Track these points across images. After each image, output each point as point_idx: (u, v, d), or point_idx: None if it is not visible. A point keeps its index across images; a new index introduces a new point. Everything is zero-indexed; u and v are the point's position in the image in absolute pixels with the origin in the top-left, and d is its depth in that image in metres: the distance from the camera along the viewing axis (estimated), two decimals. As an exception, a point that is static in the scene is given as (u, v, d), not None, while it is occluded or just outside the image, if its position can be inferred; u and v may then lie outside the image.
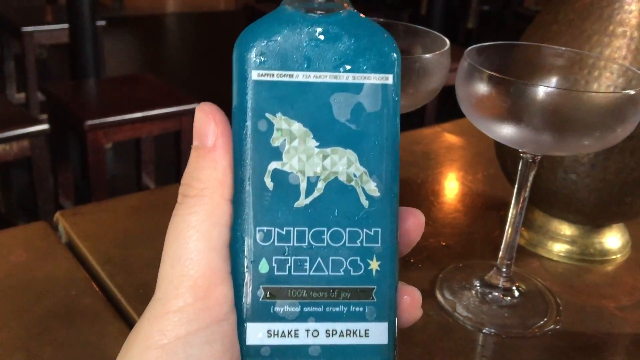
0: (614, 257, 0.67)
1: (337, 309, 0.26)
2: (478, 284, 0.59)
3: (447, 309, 0.57)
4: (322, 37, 0.26)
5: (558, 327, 0.56)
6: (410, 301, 0.28)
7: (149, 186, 2.29)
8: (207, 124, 0.26)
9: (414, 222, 0.28)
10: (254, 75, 0.26)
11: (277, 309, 0.26)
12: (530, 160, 0.53)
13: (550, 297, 0.60)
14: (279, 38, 0.26)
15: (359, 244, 0.26)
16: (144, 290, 0.57)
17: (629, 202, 0.61)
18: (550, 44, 0.58)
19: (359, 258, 0.26)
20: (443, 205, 0.76)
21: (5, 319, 0.53)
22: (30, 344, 0.50)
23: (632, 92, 0.46)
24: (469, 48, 0.52)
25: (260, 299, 0.25)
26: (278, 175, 0.26)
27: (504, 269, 0.58)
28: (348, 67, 0.26)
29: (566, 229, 0.67)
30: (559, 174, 0.61)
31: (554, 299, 0.60)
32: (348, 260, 0.26)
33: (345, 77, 0.26)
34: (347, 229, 0.26)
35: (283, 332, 0.26)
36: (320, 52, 0.26)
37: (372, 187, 0.27)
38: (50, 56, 3.60)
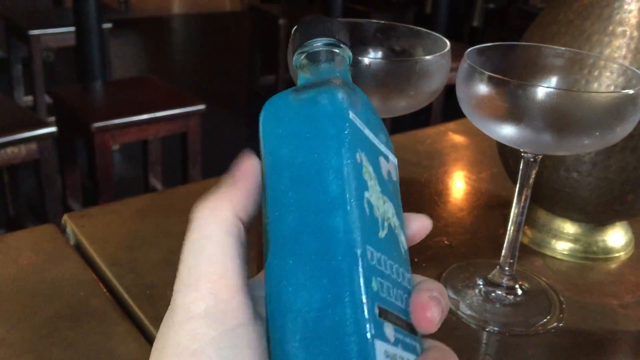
0: (617, 255, 0.67)
1: (407, 340, 0.27)
2: (481, 283, 0.60)
3: (451, 307, 0.57)
4: (367, 108, 0.29)
5: (561, 325, 0.57)
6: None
7: (156, 187, 2.30)
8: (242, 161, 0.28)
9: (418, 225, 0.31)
10: (351, 114, 0.27)
11: (385, 330, 0.25)
12: (532, 159, 0.53)
13: (553, 295, 0.60)
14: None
15: (407, 284, 0.28)
16: (151, 291, 0.57)
17: (631, 201, 0.62)
18: (550, 44, 0.58)
19: (407, 296, 0.28)
20: (447, 204, 0.77)
21: (14, 320, 0.53)
22: (38, 345, 0.51)
23: (631, 91, 0.46)
24: (469, 49, 0.52)
25: (377, 317, 0.25)
26: (368, 204, 0.27)
27: (507, 268, 0.59)
28: (383, 139, 0.30)
29: (569, 227, 0.67)
30: (560, 173, 0.62)
31: (557, 297, 0.60)
32: (404, 296, 0.28)
33: (382, 147, 0.30)
34: (401, 269, 0.28)
35: (392, 355, 0.25)
36: (370, 119, 0.29)
37: (403, 240, 0.29)
38: (57, 59, 3.62)
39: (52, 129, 1.82)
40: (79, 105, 2.04)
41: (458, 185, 0.83)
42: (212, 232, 0.26)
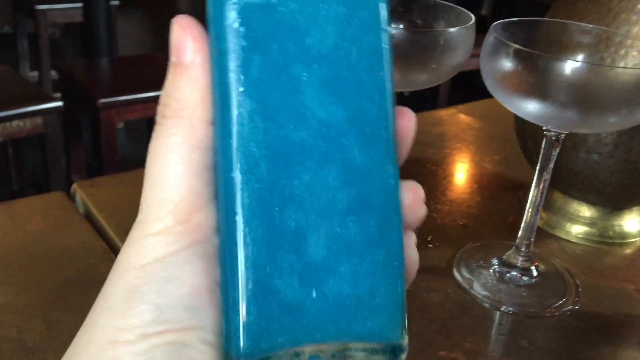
0: (633, 240, 0.66)
1: None
2: (496, 263, 0.59)
3: (465, 286, 0.57)
4: None
5: (576, 307, 0.56)
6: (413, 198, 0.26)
7: (161, 166, 2.29)
8: (185, 39, 0.24)
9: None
10: None
11: None
12: (554, 138, 0.52)
13: (569, 278, 0.59)
14: None
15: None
16: (161, 261, 0.57)
17: (651, 184, 0.61)
18: (575, 21, 0.57)
19: None
20: (460, 185, 0.76)
21: (23, 286, 0.53)
22: (48, 311, 0.50)
23: (662, 69, 0.45)
24: (495, 23, 0.51)
25: None
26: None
27: (523, 249, 0.58)
28: None
29: (585, 211, 0.66)
30: (581, 154, 0.61)
31: (572, 280, 0.59)
32: None
33: None
34: None
35: None
36: None
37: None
38: (63, 35, 3.59)
39: (58, 103, 1.80)
40: (85, 81, 2.02)
41: (471, 167, 0.82)
42: (178, 145, 0.24)
